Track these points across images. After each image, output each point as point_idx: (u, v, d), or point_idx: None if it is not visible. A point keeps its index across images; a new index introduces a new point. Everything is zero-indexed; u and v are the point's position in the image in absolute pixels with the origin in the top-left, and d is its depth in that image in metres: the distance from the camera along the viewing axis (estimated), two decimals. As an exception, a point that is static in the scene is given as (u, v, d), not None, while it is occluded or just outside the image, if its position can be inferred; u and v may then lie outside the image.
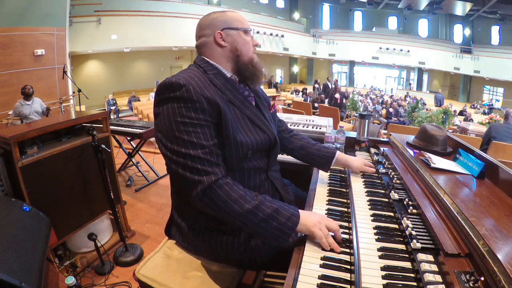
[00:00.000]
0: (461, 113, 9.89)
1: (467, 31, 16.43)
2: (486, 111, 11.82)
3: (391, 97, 12.00)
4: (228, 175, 0.90)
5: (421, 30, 17.96)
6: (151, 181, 3.28)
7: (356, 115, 7.08)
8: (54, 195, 1.61)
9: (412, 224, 0.84)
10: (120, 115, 9.44)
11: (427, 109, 7.64)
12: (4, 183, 1.44)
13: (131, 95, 10.27)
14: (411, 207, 0.92)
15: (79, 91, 5.08)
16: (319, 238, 0.84)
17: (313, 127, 2.12)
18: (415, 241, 0.76)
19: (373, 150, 1.57)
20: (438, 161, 1.14)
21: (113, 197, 1.81)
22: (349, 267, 0.77)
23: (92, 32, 9.14)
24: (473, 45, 15.72)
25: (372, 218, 0.94)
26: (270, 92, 13.99)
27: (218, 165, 0.87)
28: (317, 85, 12.27)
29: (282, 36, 14.36)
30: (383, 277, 0.69)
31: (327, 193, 1.15)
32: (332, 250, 0.82)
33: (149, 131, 3.00)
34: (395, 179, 1.14)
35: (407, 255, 0.76)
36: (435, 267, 0.68)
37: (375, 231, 0.87)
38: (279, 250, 0.97)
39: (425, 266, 0.68)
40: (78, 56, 9.96)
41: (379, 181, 1.20)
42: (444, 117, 5.86)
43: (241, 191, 0.85)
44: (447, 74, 16.49)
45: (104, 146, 1.72)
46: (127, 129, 3.09)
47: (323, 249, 0.83)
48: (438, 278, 0.64)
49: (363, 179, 1.22)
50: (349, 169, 1.30)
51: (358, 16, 19.06)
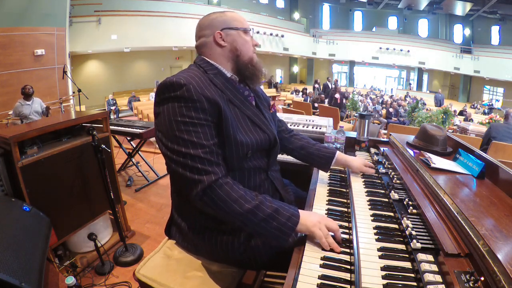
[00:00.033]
0: (461, 113, 9.89)
1: (467, 31, 16.43)
2: (486, 111, 11.82)
3: (391, 97, 12.00)
4: (228, 175, 0.90)
5: (421, 30, 17.96)
6: (151, 181, 3.28)
7: (356, 115, 7.08)
8: (54, 195, 1.61)
9: (412, 224, 0.84)
10: (120, 115, 9.44)
11: (427, 109, 7.64)
12: (4, 183, 1.44)
13: (131, 95, 10.27)
14: (411, 207, 0.93)
15: (79, 91, 5.08)
16: (319, 238, 0.84)
17: (313, 127, 2.12)
18: (415, 241, 0.76)
19: (373, 150, 1.57)
20: (438, 161, 1.14)
21: (113, 197, 1.81)
22: (349, 267, 0.77)
23: (92, 32, 9.14)
24: (473, 45, 15.72)
25: (372, 218, 0.94)
26: (270, 92, 13.99)
27: (218, 164, 0.87)
28: (317, 85, 12.27)
29: (282, 36, 14.36)
30: (383, 277, 0.69)
31: (327, 193, 1.15)
32: (332, 250, 0.83)
33: (149, 131, 3.00)
34: (395, 179, 1.14)
35: (407, 255, 0.76)
36: (435, 267, 0.68)
37: (375, 231, 0.87)
38: (279, 250, 0.97)
39: (425, 266, 0.68)
40: (78, 56, 9.97)
41: (379, 181, 1.20)
42: (444, 117, 5.86)
43: (241, 191, 0.85)
44: (447, 74, 16.49)
45: (104, 146, 1.73)
46: (127, 129, 3.09)
47: (323, 249, 0.83)
48: (438, 278, 0.64)
49: (363, 179, 1.22)
50: (349, 169, 1.30)
51: (358, 16, 19.06)
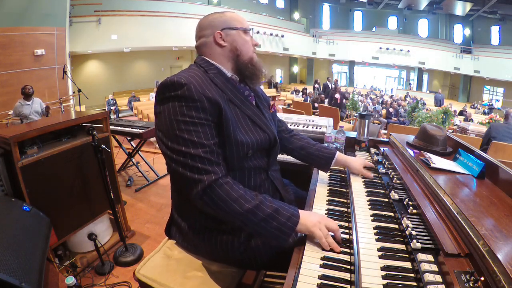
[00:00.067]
0: (461, 113, 9.89)
1: (467, 31, 16.43)
2: (486, 111, 11.82)
3: (391, 97, 11.99)
4: (228, 175, 0.90)
5: (421, 30, 17.95)
6: (151, 181, 3.28)
7: (356, 115, 7.08)
8: (54, 195, 1.61)
9: (412, 224, 0.84)
10: (120, 115, 9.44)
11: (427, 109, 7.65)
12: (4, 183, 1.44)
13: (131, 95, 10.27)
14: (411, 207, 0.92)
15: (79, 91, 5.08)
16: (318, 238, 0.84)
17: (313, 127, 2.12)
18: (415, 241, 0.76)
19: (373, 150, 1.57)
20: (438, 161, 1.14)
21: (113, 197, 1.81)
22: (349, 267, 0.77)
23: (92, 32, 9.14)
24: (473, 45, 15.72)
25: (372, 218, 0.94)
26: (270, 92, 13.99)
27: (218, 164, 0.87)
28: (317, 85, 12.26)
29: (282, 36, 14.36)
30: (383, 277, 0.69)
31: (327, 193, 1.15)
32: (332, 250, 0.83)
33: (149, 131, 3.00)
34: (395, 179, 1.14)
35: (407, 255, 0.76)
36: (435, 267, 0.68)
37: (375, 231, 0.87)
38: (279, 250, 0.97)
39: (425, 266, 0.68)
40: (78, 56, 9.97)
41: (379, 181, 1.20)
42: (444, 117, 5.86)
43: (241, 191, 0.85)
44: (447, 74, 16.49)
45: (104, 146, 1.72)
46: (127, 129, 3.09)
47: (323, 249, 0.83)
48: (438, 278, 0.64)
49: (363, 179, 1.22)
50: (349, 170, 1.30)
51: (358, 16, 19.06)
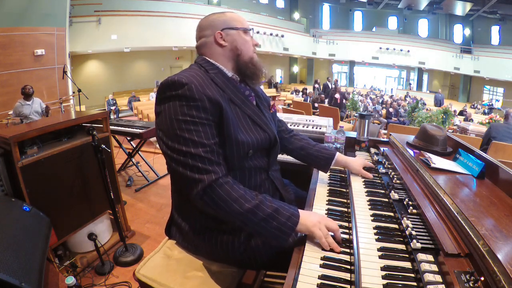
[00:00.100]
0: (461, 113, 9.89)
1: (467, 31, 16.43)
2: (486, 111, 11.82)
3: (391, 97, 11.99)
4: (229, 174, 0.90)
5: (421, 30, 17.95)
6: (151, 181, 3.28)
7: (356, 115, 7.08)
8: (54, 195, 1.61)
9: (412, 224, 0.84)
10: (120, 115, 9.44)
11: (427, 109, 7.65)
12: (4, 183, 1.44)
13: (131, 95, 10.27)
14: (411, 207, 0.92)
15: (79, 91, 5.08)
16: (318, 238, 0.84)
17: (313, 127, 2.12)
18: (415, 241, 0.76)
19: (373, 150, 1.57)
20: (438, 161, 1.14)
21: (113, 197, 1.81)
22: (349, 267, 0.77)
23: (92, 32, 9.14)
24: (473, 45, 15.71)
25: (372, 218, 0.94)
26: (270, 92, 13.98)
27: (218, 164, 0.87)
28: (317, 85, 12.26)
29: (282, 36, 14.36)
30: (383, 277, 0.69)
31: (327, 193, 1.15)
32: (332, 250, 0.83)
33: (149, 131, 3.00)
34: (395, 179, 1.14)
35: (407, 255, 0.76)
36: (435, 267, 0.68)
37: (375, 231, 0.87)
38: (279, 250, 0.97)
39: (425, 266, 0.68)
40: (78, 56, 9.97)
41: (379, 181, 1.20)
42: (444, 117, 5.86)
43: (241, 191, 0.85)
44: (447, 74, 16.48)
45: (104, 146, 1.72)
46: (127, 129, 3.09)
47: (323, 249, 0.83)
48: (438, 278, 0.64)
49: (363, 179, 1.22)
50: (348, 170, 1.30)
51: (358, 16, 19.05)
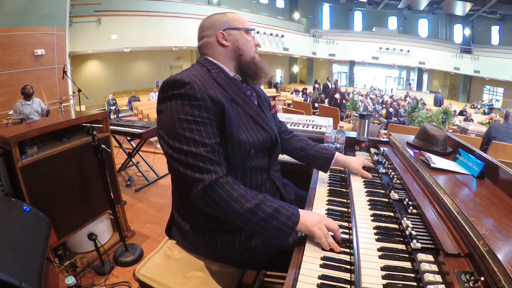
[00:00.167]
0: (461, 113, 9.89)
1: (467, 31, 16.43)
2: (486, 111, 11.83)
3: (391, 97, 12.00)
4: (229, 174, 0.90)
5: (421, 30, 17.95)
6: (151, 181, 3.28)
7: (356, 115, 7.08)
8: (54, 195, 1.61)
9: (412, 224, 0.84)
10: (120, 115, 9.44)
11: (427, 109, 7.65)
12: (4, 183, 1.44)
13: (131, 95, 10.27)
14: (411, 207, 0.92)
15: (79, 91, 5.09)
16: (318, 237, 0.84)
17: (313, 127, 2.12)
18: (415, 241, 0.76)
19: (373, 150, 1.57)
20: (438, 161, 1.14)
21: (113, 197, 1.81)
22: (349, 267, 0.77)
23: (92, 32, 9.14)
24: (473, 45, 15.72)
25: (372, 218, 0.94)
26: (270, 92, 13.98)
27: (219, 163, 0.87)
28: (317, 85, 12.26)
29: (282, 36, 14.36)
30: (383, 277, 0.69)
31: (327, 193, 1.15)
32: (332, 250, 0.83)
33: (149, 131, 3.00)
34: (395, 179, 1.14)
35: (407, 255, 0.76)
36: (435, 267, 0.68)
37: (375, 231, 0.87)
38: (279, 249, 0.97)
39: (425, 266, 0.68)
40: (78, 56, 9.97)
41: (379, 181, 1.20)
42: (444, 117, 5.86)
43: (241, 190, 0.85)
44: (447, 74, 16.49)
45: (104, 146, 1.72)
46: (127, 129, 3.09)
47: (323, 249, 0.83)
48: (438, 278, 0.64)
49: (363, 179, 1.22)
50: (348, 170, 1.30)
51: (358, 16, 19.05)
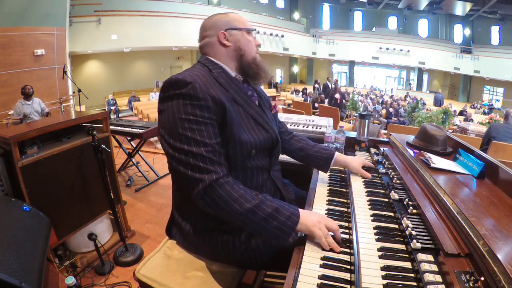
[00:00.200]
0: (461, 113, 9.89)
1: (467, 31, 16.43)
2: (486, 111, 11.83)
3: (391, 97, 12.00)
4: (230, 174, 0.90)
5: (421, 30, 17.95)
6: (151, 181, 3.28)
7: (356, 115, 7.08)
8: (54, 195, 1.61)
9: (412, 224, 0.84)
10: (120, 115, 9.44)
11: (427, 109, 7.65)
12: (4, 183, 1.44)
13: (131, 95, 10.27)
14: (411, 207, 0.92)
15: (79, 91, 5.09)
16: (318, 237, 0.84)
17: (313, 127, 2.12)
18: (415, 241, 0.76)
19: (373, 150, 1.57)
20: (438, 161, 1.14)
21: (113, 197, 1.81)
22: (349, 267, 0.77)
23: (92, 32, 9.14)
24: (473, 45, 15.72)
25: (372, 218, 0.94)
26: (270, 92, 13.98)
27: (220, 164, 0.87)
28: (317, 85, 12.26)
29: (282, 36, 14.36)
30: (383, 277, 0.69)
31: (327, 193, 1.15)
32: (332, 250, 0.83)
33: (149, 131, 2.99)
34: (395, 179, 1.14)
35: (407, 255, 0.76)
36: (435, 267, 0.68)
37: (375, 231, 0.87)
38: (280, 249, 0.97)
39: (425, 266, 0.68)
40: (78, 56, 9.97)
41: (379, 181, 1.20)
42: (444, 117, 5.86)
43: (241, 190, 0.85)
44: (447, 74, 16.49)
45: (104, 146, 1.72)
46: (127, 129, 3.09)
47: (323, 249, 0.83)
48: (438, 278, 0.64)
49: (363, 179, 1.22)
50: (348, 170, 1.30)
51: (358, 16, 19.06)
